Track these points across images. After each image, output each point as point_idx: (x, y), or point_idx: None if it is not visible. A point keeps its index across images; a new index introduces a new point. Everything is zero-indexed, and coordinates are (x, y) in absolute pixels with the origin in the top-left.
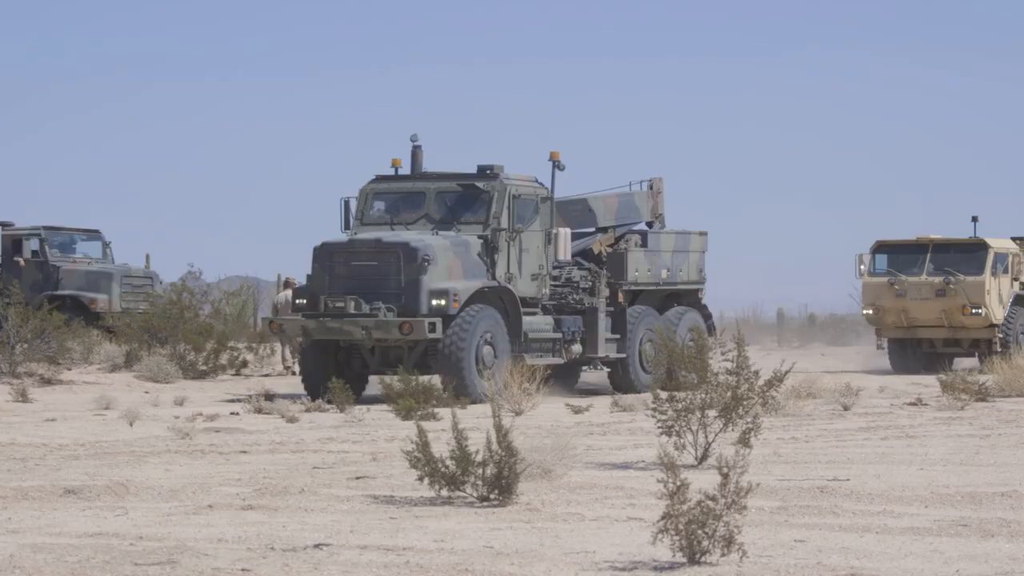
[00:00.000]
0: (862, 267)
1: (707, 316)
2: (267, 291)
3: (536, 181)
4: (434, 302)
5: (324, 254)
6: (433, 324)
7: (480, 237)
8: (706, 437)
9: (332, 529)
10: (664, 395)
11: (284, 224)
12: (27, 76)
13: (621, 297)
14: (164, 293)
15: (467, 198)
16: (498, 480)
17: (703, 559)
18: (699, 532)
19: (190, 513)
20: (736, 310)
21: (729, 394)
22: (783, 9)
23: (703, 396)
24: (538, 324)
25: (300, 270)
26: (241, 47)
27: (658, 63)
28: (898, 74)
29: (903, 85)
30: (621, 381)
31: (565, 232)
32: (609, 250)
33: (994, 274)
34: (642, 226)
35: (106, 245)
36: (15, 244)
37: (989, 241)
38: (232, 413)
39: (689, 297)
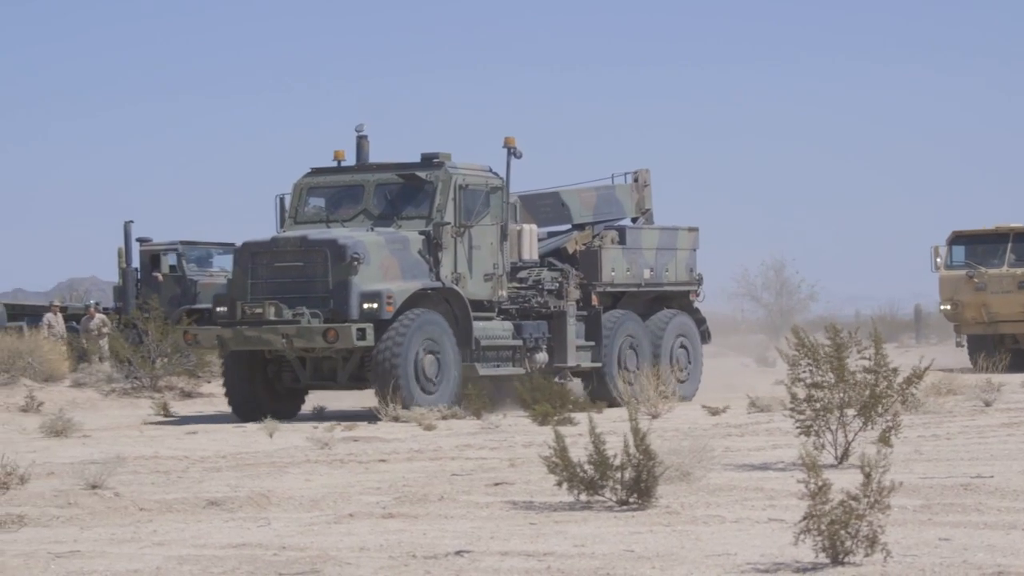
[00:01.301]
0: (938, 260)
1: (700, 321)
2: None
3: (490, 171)
4: (365, 306)
5: (245, 255)
6: (362, 331)
7: (422, 233)
8: (846, 436)
9: (472, 536)
10: (802, 395)
11: None
12: (161, 93)
13: (595, 300)
14: None
15: (409, 190)
16: (637, 484)
17: (846, 559)
18: (842, 532)
19: (331, 522)
20: (873, 308)
21: (868, 392)
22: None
23: (841, 395)
24: (494, 330)
25: None
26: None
27: (670, 55)
28: (971, 60)
29: (976, 73)
30: (597, 393)
31: (531, 229)
32: (583, 248)
33: None
34: (627, 223)
35: None
36: (153, 259)
37: None
38: (370, 422)
39: (679, 300)
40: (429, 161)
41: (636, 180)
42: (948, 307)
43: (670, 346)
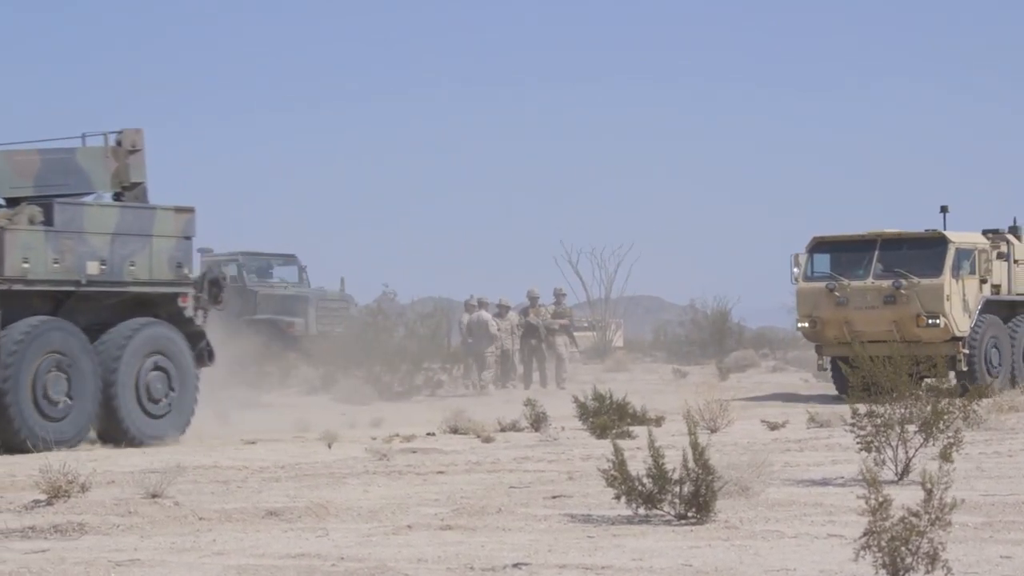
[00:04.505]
0: (795, 270)
1: (196, 335)
2: (459, 312)
3: None
4: None
5: None
6: None
7: None
8: (906, 452)
9: (530, 548)
10: (863, 410)
11: (476, 245)
12: (223, 104)
13: None
14: (359, 316)
15: None
16: (695, 498)
17: None
18: (902, 549)
19: (390, 533)
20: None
21: (929, 408)
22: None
23: (903, 411)
24: None
25: (493, 290)
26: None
27: None
28: (858, 62)
29: (870, 73)
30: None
31: None
32: None
33: (956, 275)
34: (98, 198)
35: (302, 269)
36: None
37: (948, 235)
38: (428, 434)
39: (168, 306)
40: None
41: (119, 144)
42: (806, 324)
43: (136, 369)
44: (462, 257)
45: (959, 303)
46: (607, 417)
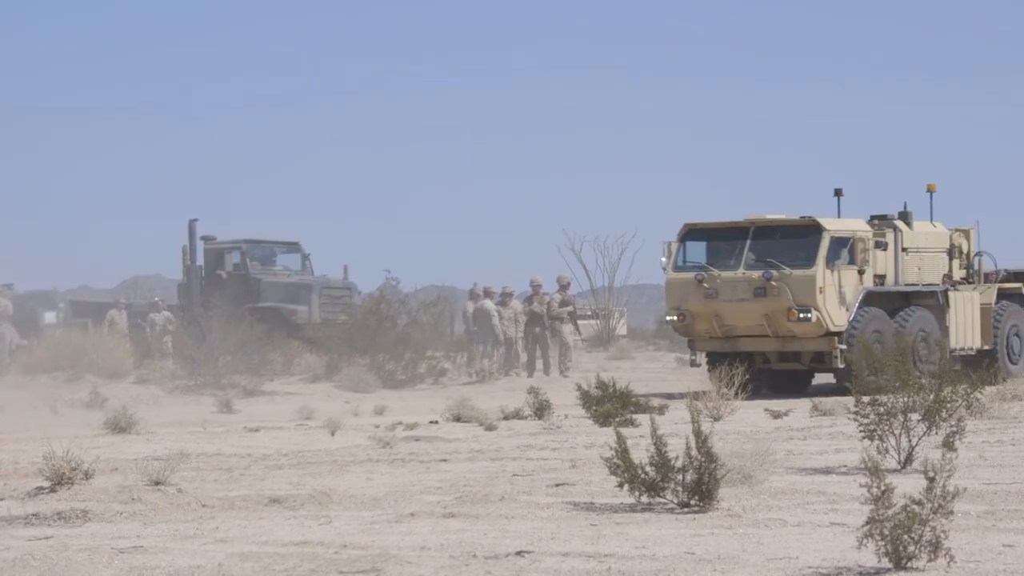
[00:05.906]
0: (664, 260)
1: None
2: (463, 300)
3: None
4: None
5: None
6: None
7: None
8: (909, 441)
9: (533, 536)
10: (866, 399)
11: (479, 233)
12: (226, 93)
13: None
14: (362, 304)
15: None
16: (698, 486)
17: (909, 564)
18: (905, 537)
19: (392, 521)
20: None
21: (932, 397)
22: None
23: (906, 399)
24: None
25: (498, 279)
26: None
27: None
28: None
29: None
30: None
31: None
32: None
33: (830, 266)
34: None
35: (305, 257)
36: (217, 257)
37: (823, 222)
38: (431, 422)
39: None
40: None
41: None
42: (675, 318)
43: None
44: (465, 245)
45: (834, 295)
46: (610, 405)
